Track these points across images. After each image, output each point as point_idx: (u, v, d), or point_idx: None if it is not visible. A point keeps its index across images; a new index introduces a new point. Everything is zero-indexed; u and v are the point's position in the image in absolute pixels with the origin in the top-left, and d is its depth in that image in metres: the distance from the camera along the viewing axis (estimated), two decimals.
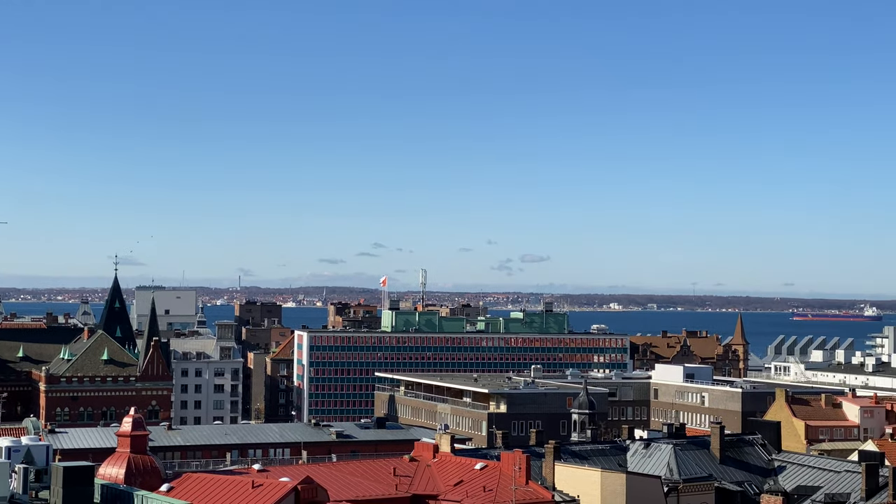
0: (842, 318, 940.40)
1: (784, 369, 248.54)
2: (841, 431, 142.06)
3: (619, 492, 70.20)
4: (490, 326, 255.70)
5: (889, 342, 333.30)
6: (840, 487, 76.02)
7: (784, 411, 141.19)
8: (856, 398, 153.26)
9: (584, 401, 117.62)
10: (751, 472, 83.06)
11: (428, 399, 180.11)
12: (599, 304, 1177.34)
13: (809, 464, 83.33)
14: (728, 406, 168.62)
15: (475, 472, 72.47)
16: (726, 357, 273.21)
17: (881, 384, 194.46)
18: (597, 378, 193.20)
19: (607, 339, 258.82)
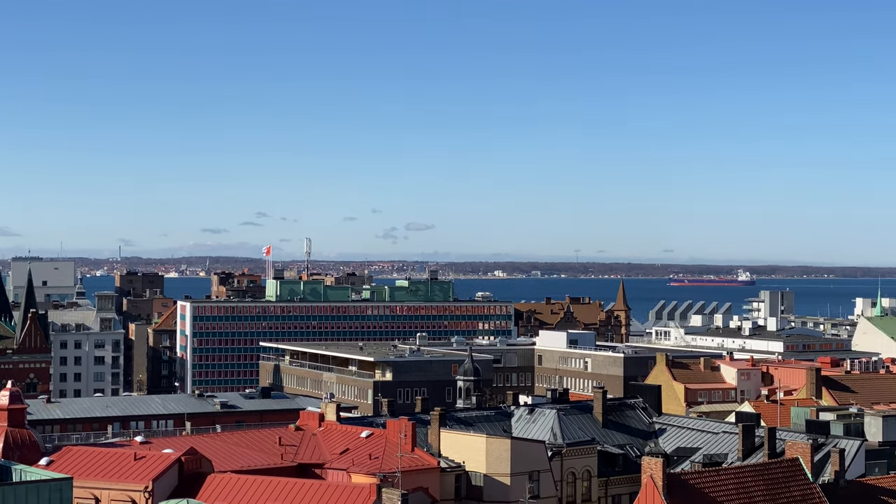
0: (717, 283, 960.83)
1: (664, 334, 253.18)
2: (719, 394, 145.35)
3: (503, 457, 70.81)
4: (375, 295, 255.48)
5: (765, 306, 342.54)
6: (718, 448, 77.74)
7: (664, 375, 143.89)
8: (733, 361, 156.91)
9: (469, 368, 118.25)
10: (632, 436, 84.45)
11: (313, 368, 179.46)
12: (484, 271, 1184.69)
13: (689, 426, 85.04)
14: (610, 371, 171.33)
15: (361, 441, 72.41)
16: (609, 323, 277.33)
17: (757, 347, 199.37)
18: (482, 345, 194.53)
19: (492, 306, 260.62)
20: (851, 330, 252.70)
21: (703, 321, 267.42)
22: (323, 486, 60.15)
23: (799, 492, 56.80)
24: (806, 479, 57.69)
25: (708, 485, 54.68)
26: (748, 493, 55.27)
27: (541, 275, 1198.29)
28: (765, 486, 56.19)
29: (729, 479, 55.66)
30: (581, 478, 76.42)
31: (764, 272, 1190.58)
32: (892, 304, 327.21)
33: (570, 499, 75.72)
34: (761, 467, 58.49)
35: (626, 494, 77.07)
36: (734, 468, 58.89)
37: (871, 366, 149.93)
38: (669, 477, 53.60)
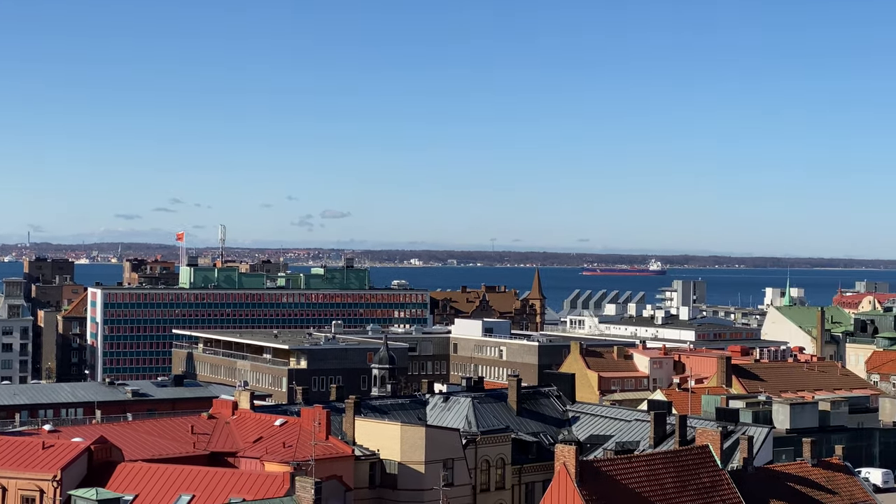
0: (629, 272, 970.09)
1: (579, 323, 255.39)
2: (632, 382, 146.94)
3: (418, 445, 70.79)
4: (290, 282, 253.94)
5: (677, 296, 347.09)
6: (630, 436, 78.55)
7: (578, 363, 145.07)
8: (646, 350, 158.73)
9: (385, 356, 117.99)
10: (546, 423, 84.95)
11: (227, 356, 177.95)
12: (400, 259, 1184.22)
13: (602, 414, 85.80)
14: (525, 359, 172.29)
15: (275, 429, 71.89)
16: (524, 311, 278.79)
17: (670, 336, 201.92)
18: (397, 333, 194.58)
19: (408, 294, 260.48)
20: (761, 319, 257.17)
21: (617, 310, 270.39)
22: (236, 474, 59.60)
23: (708, 478, 57.56)
24: (715, 465, 58.47)
25: (620, 472, 55.17)
26: (659, 480, 55.88)
27: (457, 263, 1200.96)
28: (675, 472, 56.85)
29: (640, 467, 56.21)
30: (495, 465, 76.70)
31: (677, 262, 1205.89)
32: (800, 293, 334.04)
33: (483, 486, 75.97)
34: (672, 454, 59.14)
35: (539, 482, 77.52)
36: (646, 455, 59.48)
37: (780, 354, 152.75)
38: (582, 464, 53.95)
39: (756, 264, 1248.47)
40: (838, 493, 61.67)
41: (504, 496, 77.15)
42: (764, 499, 58.48)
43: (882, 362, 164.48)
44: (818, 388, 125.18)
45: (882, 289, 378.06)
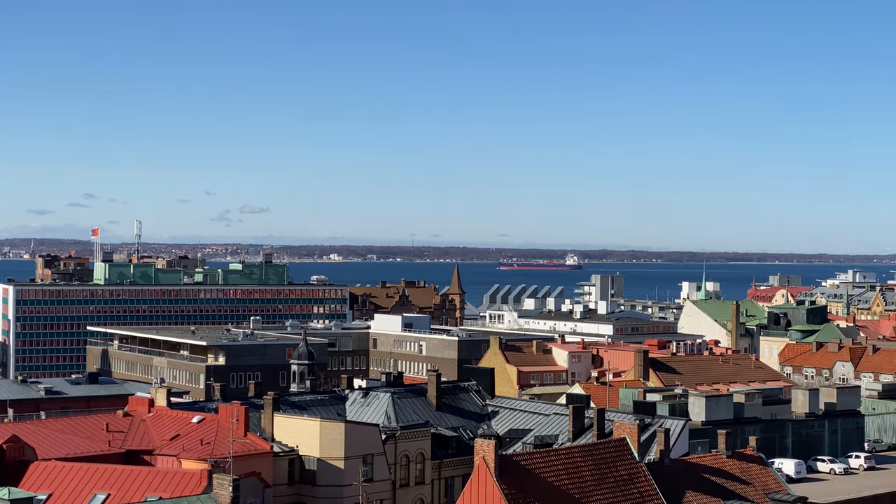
0: (546, 267, 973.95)
1: (498, 317, 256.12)
2: (551, 376, 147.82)
3: (337, 440, 70.54)
4: (208, 278, 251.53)
5: (596, 290, 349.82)
6: (549, 430, 78.98)
7: (498, 358, 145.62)
8: (564, 344, 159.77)
9: (304, 351, 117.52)
10: (466, 418, 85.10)
11: (143, 353, 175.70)
12: (320, 255, 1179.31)
13: (521, 408, 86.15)
14: (445, 354, 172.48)
15: (192, 426, 71.15)
16: (444, 306, 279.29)
17: (588, 330, 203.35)
18: (316, 329, 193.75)
19: (327, 289, 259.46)
20: (678, 313, 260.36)
21: (536, 305, 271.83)
22: (152, 472, 58.88)
23: (626, 471, 58.08)
24: (633, 458, 59.01)
25: (539, 465, 55.42)
26: (577, 473, 56.25)
27: (376, 258, 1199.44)
28: (593, 465, 57.27)
29: (559, 460, 56.53)
30: (415, 460, 76.70)
31: (595, 256, 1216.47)
32: (716, 287, 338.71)
33: (403, 481, 75.94)
34: (590, 447, 59.56)
35: (459, 476, 77.67)
36: (564, 449, 59.84)
37: (696, 348, 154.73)
38: (501, 458, 54.13)
39: (673, 259, 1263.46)
40: (752, 483, 62.61)
41: (424, 491, 77.21)
42: (680, 490, 59.15)
43: (794, 354, 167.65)
44: (733, 381, 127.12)
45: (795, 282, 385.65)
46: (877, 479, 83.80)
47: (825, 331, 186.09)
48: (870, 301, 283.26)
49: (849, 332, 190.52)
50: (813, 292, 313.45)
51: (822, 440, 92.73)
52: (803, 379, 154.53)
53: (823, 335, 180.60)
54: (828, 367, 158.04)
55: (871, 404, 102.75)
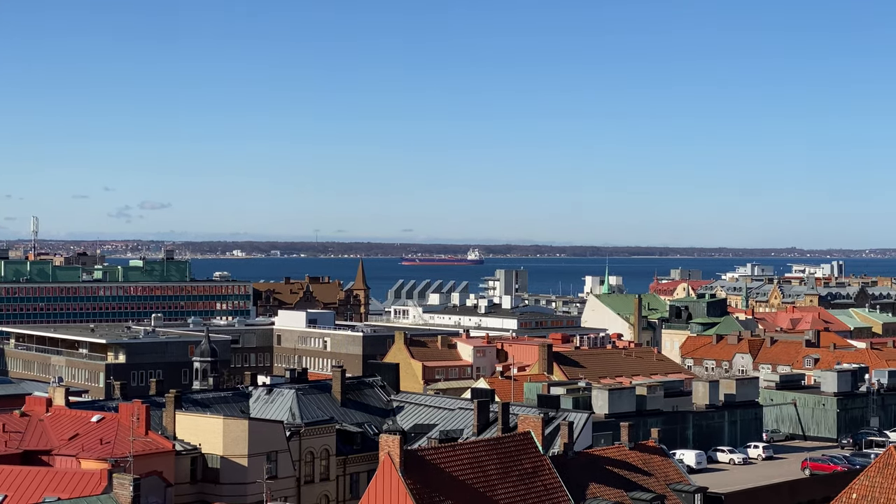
0: (447, 262, 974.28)
1: (403, 313, 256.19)
2: (456, 371, 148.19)
3: (241, 437, 69.80)
4: (108, 275, 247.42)
5: (500, 285, 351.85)
6: (454, 424, 79.05)
7: (403, 353, 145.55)
8: (469, 339, 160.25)
9: (207, 348, 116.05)
10: (371, 414, 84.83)
11: (41, 351, 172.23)
12: (223, 251, 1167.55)
13: (426, 403, 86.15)
14: (350, 350, 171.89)
15: (92, 425, 69.83)
16: (348, 302, 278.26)
17: (493, 325, 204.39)
18: (219, 325, 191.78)
19: (230, 286, 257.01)
20: (581, 307, 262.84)
21: (441, 300, 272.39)
22: (50, 472, 57.62)
23: (530, 464, 58.33)
24: (537, 451, 59.29)
25: (444, 460, 55.41)
26: (482, 467, 56.34)
27: (280, 254, 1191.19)
28: (498, 459, 57.42)
29: (464, 454, 56.56)
30: (319, 457, 76.24)
31: (499, 251, 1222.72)
32: (618, 281, 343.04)
33: (308, 478, 75.45)
34: (495, 441, 59.69)
35: (364, 472, 77.35)
36: (469, 443, 59.90)
37: (599, 341, 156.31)
38: (406, 454, 54.00)
39: (576, 253, 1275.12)
40: (654, 474, 63.33)
41: (329, 487, 76.81)
42: (584, 483, 59.60)
43: (695, 347, 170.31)
44: (635, 374, 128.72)
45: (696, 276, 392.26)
46: (775, 468, 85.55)
47: (725, 323, 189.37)
48: (768, 294, 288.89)
49: (748, 325, 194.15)
50: (713, 286, 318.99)
51: (722, 431, 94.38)
52: (704, 371, 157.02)
53: (723, 328, 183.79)
54: (727, 360, 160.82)
55: (769, 395, 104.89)
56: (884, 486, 54.22)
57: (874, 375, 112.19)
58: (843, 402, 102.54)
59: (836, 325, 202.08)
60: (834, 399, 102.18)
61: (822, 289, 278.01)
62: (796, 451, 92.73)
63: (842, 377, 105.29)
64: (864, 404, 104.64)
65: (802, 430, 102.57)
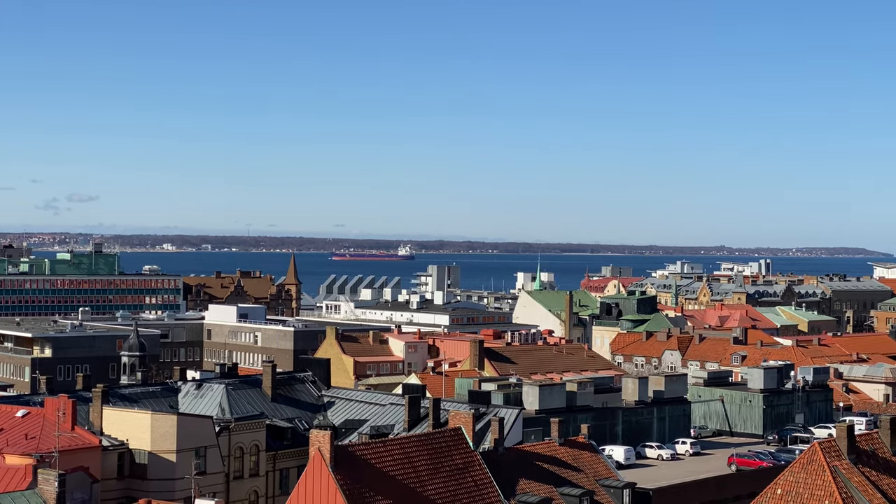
0: (378, 257, 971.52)
1: (335, 308, 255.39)
2: (387, 366, 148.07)
3: (169, 433, 69.12)
4: (34, 268, 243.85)
5: (432, 280, 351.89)
6: (385, 420, 78.97)
7: (334, 348, 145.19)
8: (401, 334, 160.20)
9: (135, 343, 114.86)
10: (302, 409, 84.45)
11: None
12: (152, 244, 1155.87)
13: (357, 398, 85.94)
14: (281, 345, 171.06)
15: (16, 420, 68.77)
16: (280, 297, 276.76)
17: (424, 320, 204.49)
18: (149, 320, 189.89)
19: (160, 280, 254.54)
20: (513, 303, 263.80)
21: (373, 295, 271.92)
22: None
23: (461, 459, 58.43)
24: (468, 447, 59.41)
25: (374, 456, 55.33)
26: (413, 463, 56.35)
27: (211, 248, 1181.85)
28: (429, 455, 57.46)
29: (394, 450, 56.53)
30: (249, 452, 75.71)
31: (432, 247, 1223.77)
32: (550, 278, 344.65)
33: (237, 474, 74.90)
34: (426, 437, 59.72)
35: (294, 468, 76.93)
36: (400, 439, 59.87)
37: (530, 337, 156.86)
38: (337, 449, 53.84)
39: (508, 249, 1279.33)
40: (583, 470, 63.75)
41: (258, 483, 76.32)
42: (514, 478, 59.82)
43: (625, 344, 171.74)
44: (566, 370, 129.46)
45: (626, 273, 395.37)
46: (702, 463, 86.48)
47: (654, 320, 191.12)
48: (697, 291, 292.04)
49: (677, 322, 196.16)
50: (643, 283, 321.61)
51: (651, 427, 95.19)
52: (633, 368, 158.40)
53: (653, 325, 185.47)
54: (657, 356, 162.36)
55: (697, 391, 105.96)
56: (808, 481, 54.99)
57: (799, 372, 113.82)
58: (769, 398, 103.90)
59: (764, 323, 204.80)
60: (760, 396, 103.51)
61: (749, 287, 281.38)
62: (723, 447, 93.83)
63: (768, 374, 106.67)
64: (789, 401, 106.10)
65: (729, 427, 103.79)
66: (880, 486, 56.50)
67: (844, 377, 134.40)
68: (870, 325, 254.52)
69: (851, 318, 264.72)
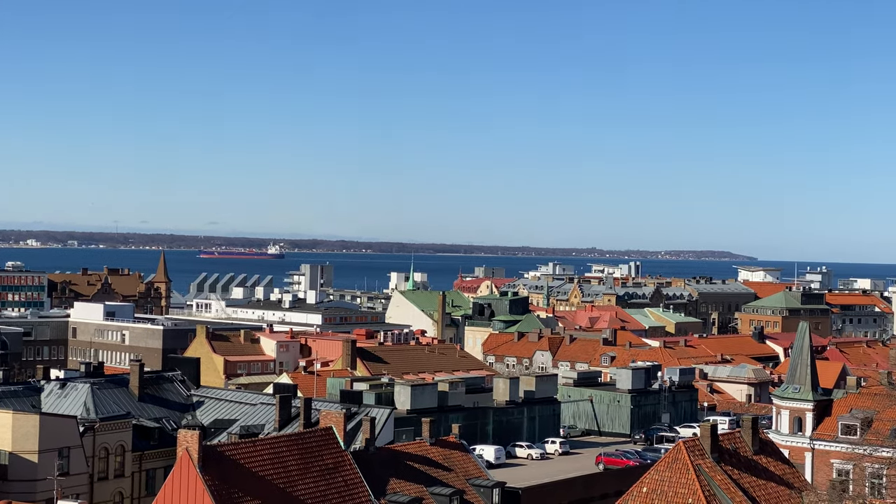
0: (247, 255, 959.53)
1: (206, 306, 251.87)
2: (258, 366, 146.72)
3: (31, 433, 67.42)
4: None
5: (305, 279, 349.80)
6: (255, 419, 78.20)
7: (204, 347, 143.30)
8: (273, 333, 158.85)
9: None
10: (170, 409, 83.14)
11: None
12: (16, 240, 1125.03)
13: (227, 398, 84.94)
14: (149, 343, 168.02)
15: None
16: (149, 295, 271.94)
17: (297, 319, 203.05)
18: (11, 317, 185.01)
19: (23, 276, 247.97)
20: (386, 303, 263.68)
21: (245, 294, 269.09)
22: None
23: (331, 459, 58.16)
24: (338, 446, 59.15)
25: (244, 456, 54.73)
26: (283, 463, 55.89)
27: (78, 245, 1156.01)
28: (299, 454, 57.05)
29: (264, 450, 56.01)
30: (114, 453, 74.25)
31: (305, 246, 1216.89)
32: (423, 278, 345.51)
33: (102, 474, 73.39)
34: (296, 437, 59.29)
35: (161, 468, 75.74)
36: (270, 438, 59.33)
37: (403, 337, 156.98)
38: (205, 449, 53.13)
39: (382, 249, 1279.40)
40: (454, 469, 64.01)
41: (123, 484, 74.89)
42: (385, 478, 59.76)
43: (497, 344, 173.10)
44: (438, 370, 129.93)
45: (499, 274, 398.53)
46: (571, 462, 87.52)
47: (526, 321, 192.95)
48: (568, 293, 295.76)
49: (548, 323, 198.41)
50: (516, 284, 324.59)
51: (521, 427, 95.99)
52: (505, 368, 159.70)
53: (524, 325, 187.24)
54: (528, 357, 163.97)
55: (567, 391, 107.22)
56: (672, 479, 56.10)
57: (666, 373, 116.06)
58: (636, 398, 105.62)
59: (632, 324, 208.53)
60: (628, 396, 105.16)
61: (619, 289, 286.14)
62: (591, 447, 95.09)
63: (636, 374, 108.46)
64: (656, 401, 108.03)
65: (598, 426, 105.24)
66: (742, 483, 57.95)
67: (709, 378, 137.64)
68: (734, 326, 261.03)
69: (717, 319, 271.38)
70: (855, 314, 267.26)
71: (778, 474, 60.95)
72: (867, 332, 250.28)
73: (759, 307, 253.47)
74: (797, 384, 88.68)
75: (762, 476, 59.84)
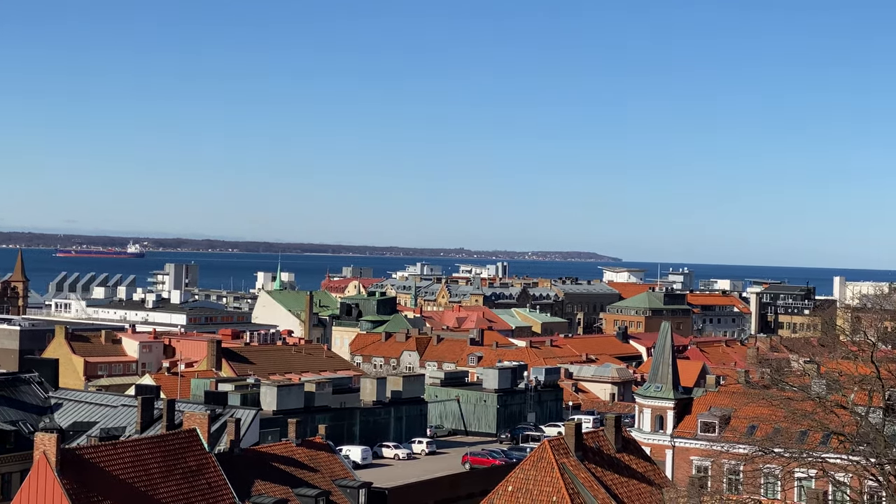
0: (105, 254, 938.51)
1: (65, 306, 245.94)
2: (120, 367, 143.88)
3: None
4: None
5: (170, 279, 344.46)
6: (117, 422, 76.60)
7: (63, 348, 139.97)
8: (135, 334, 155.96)
9: None
10: (26, 411, 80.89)
11: None
12: None
13: (87, 400, 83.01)
14: (5, 344, 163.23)
15: None
16: (5, 294, 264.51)
17: (161, 319, 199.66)
18: None
19: None
20: (252, 303, 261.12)
21: (106, 293, 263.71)
22: None
23: (195, 462, 57.29)
24: (202, 448, 58.30)
25: (104, 459, 53.58)
26: (145, 466, 54.87)
27: None
28: (162, 457, 56.08)
29: (125, 453, 54.90)
30: None
31: (170, 245, 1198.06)
32: (291, 278, 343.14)
33: None
34: (159, 439, 58.25)
35: (17, 472, 73.48)
36: (131, 441, 58.19)
37: (270, 338, 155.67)
38: (63, 453, 51.86)
39: (249, 249, 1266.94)
40: (320, 470, 63.65)
41: None
42: (250, 480, 59.12)
43: (365, 344, 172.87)
44: (305, 370, 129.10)
45: (367, 274, 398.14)
46: (437, 462, 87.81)
47: (394, 321, 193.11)
48: (436, 293, 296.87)
49: (416, 323, 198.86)
50: (383, 284, 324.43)
51: (388, 427, 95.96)
52: (372, 368, 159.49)
53: (392, 325, 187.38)
54: (395, 357, 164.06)
55: (434, 391, 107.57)
56: (537, 478, 56.67)
57: (532, 373, 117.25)
58: (503, 398, 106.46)
59: (499, 324, 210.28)
60: (495, 395, 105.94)
61: (487, 289, 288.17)
62: (458, 446, 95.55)
63: (502, 374, 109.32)
64: (522, 400, 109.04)
65: (465, 426, 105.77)
66: (605, 481, 58.85)
67: (574, 377, 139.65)
68: (599, 326, 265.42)
69: (582, 319, 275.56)
70: (715, 314, 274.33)
71: (640, 471, 62.10)
72: (726, 331, 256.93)
73: (623, 307, 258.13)
74: (659, 383, 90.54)
75: (624, 473, 60.89)
